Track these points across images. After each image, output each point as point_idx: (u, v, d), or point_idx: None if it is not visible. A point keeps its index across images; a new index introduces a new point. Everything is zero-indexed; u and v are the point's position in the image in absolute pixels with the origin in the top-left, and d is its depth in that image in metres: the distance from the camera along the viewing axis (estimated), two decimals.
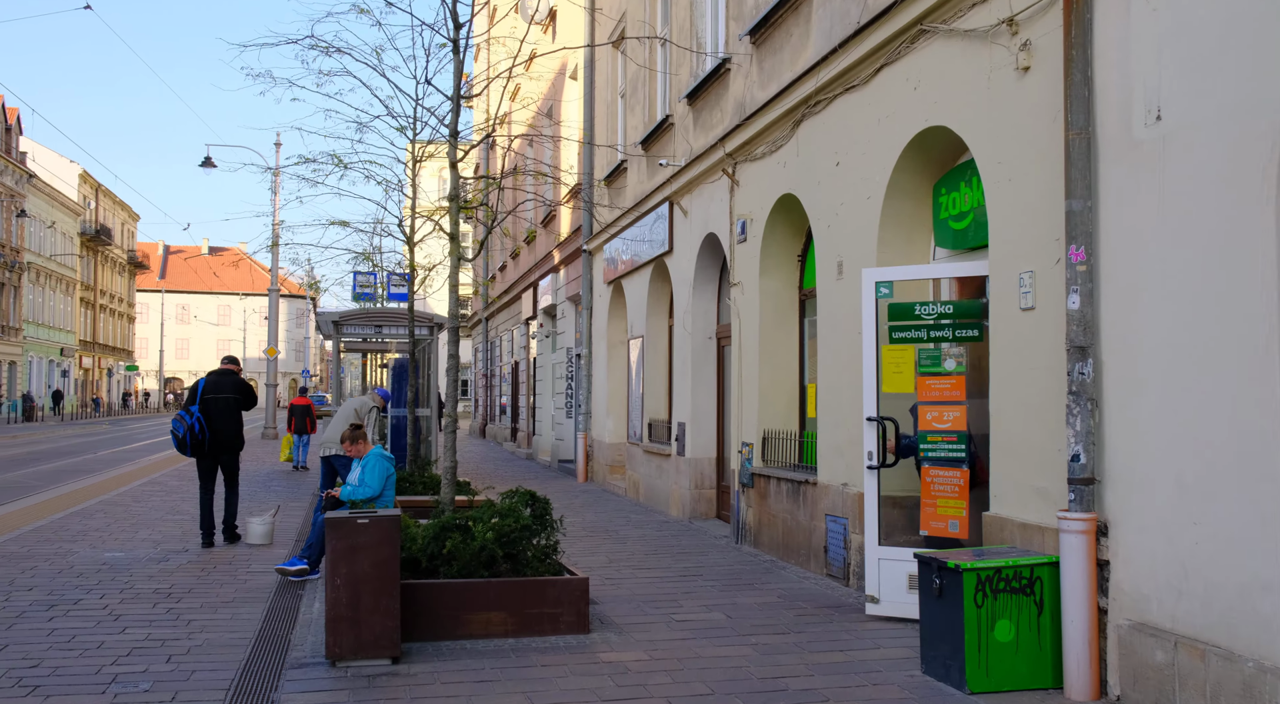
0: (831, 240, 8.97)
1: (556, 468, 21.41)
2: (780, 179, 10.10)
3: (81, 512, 13.10)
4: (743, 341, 11.11)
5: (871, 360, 7.36)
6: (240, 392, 11.00)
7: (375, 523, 6.12)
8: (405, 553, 6.87)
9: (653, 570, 9.39)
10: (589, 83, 18.65)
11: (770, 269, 10.69)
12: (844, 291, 8.66)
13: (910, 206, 8.07)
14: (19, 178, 56.87)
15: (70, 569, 8.99)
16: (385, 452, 9.21)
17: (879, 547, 7.29)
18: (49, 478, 19.13)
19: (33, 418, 49.41)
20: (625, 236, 16.19)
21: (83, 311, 69.28)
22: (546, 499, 7.61)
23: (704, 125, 12.42)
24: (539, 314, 24.58)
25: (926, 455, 7.17)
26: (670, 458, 13.72)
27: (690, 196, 13.06)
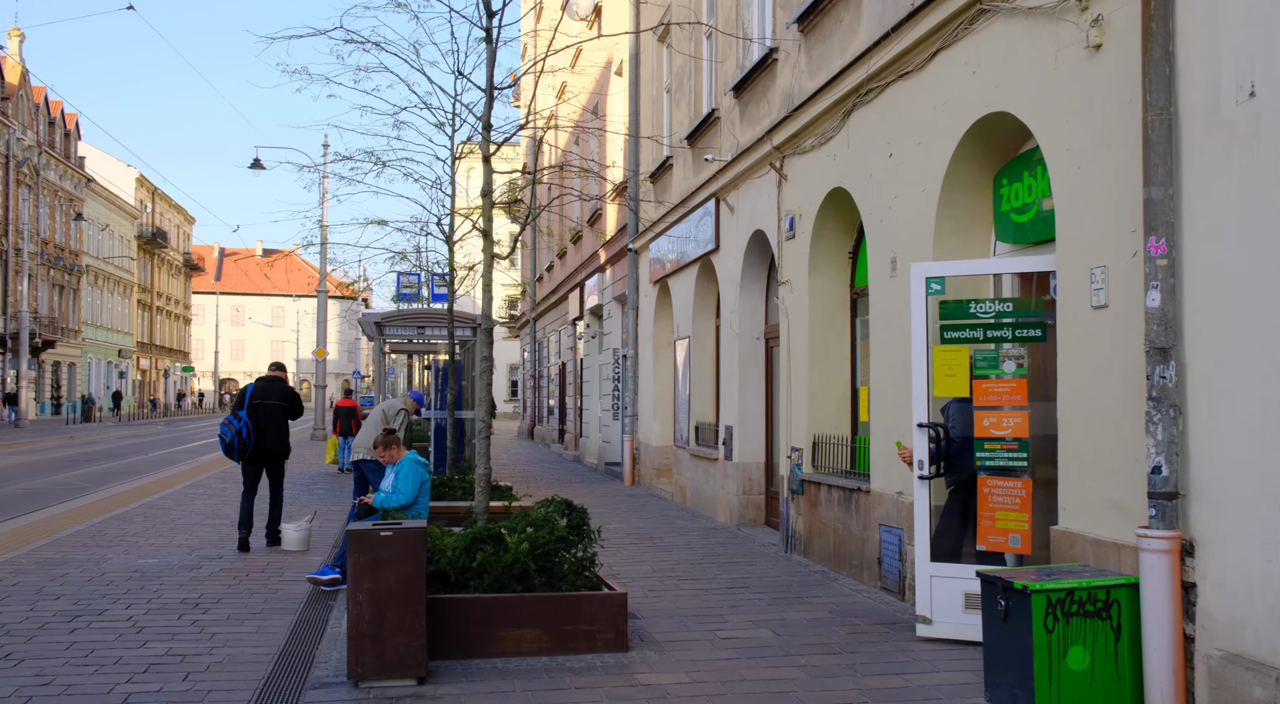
0: (884, 235, 8.52)
1: (603, 471, 21.08)
2: (830, 172, 9.66)
3: (122, 515, 12.99)
4: (791, 342, 10.68)
5: (921, 362, 6.90)
6: (287, 399, 10.93)
7: (399, 536, 5.80)
8: (434, 566, 6.54)
9: (697, 581, 9.00)
10: (634, 78, 18.29)
11: (820, 267, 10.24)
12: (897, 289, 8.20)
13: (969, 199, 7.59)
14: (77, 182, 57.81)
15: (101, 577, 8.80)
16: (420, 457, 8.91)
17: (931, 563, 6.82)
18: (97, 479, 19.18)
19: (91, 418, 50.14)
20: (671, 235, 15.80)
21: (140, 314, 70.32)
22: (584, 508, 7.23)
23: (750, 118, 12.00)
24: (585, 315, 24.27)
25: (984, 464, 6.70)
26: (717, 462, 13.31)
27: (737, 193, 12.64)
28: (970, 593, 6.52)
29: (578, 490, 17.11)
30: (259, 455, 10.63)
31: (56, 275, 54.22)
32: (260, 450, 10.60)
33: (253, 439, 10.50)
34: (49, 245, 53.07)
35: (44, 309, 51.74)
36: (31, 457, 25.85)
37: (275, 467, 10.88)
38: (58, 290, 54.60)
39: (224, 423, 10.59)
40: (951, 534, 7.07)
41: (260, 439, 10.57)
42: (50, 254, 53.07)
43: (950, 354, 6.75)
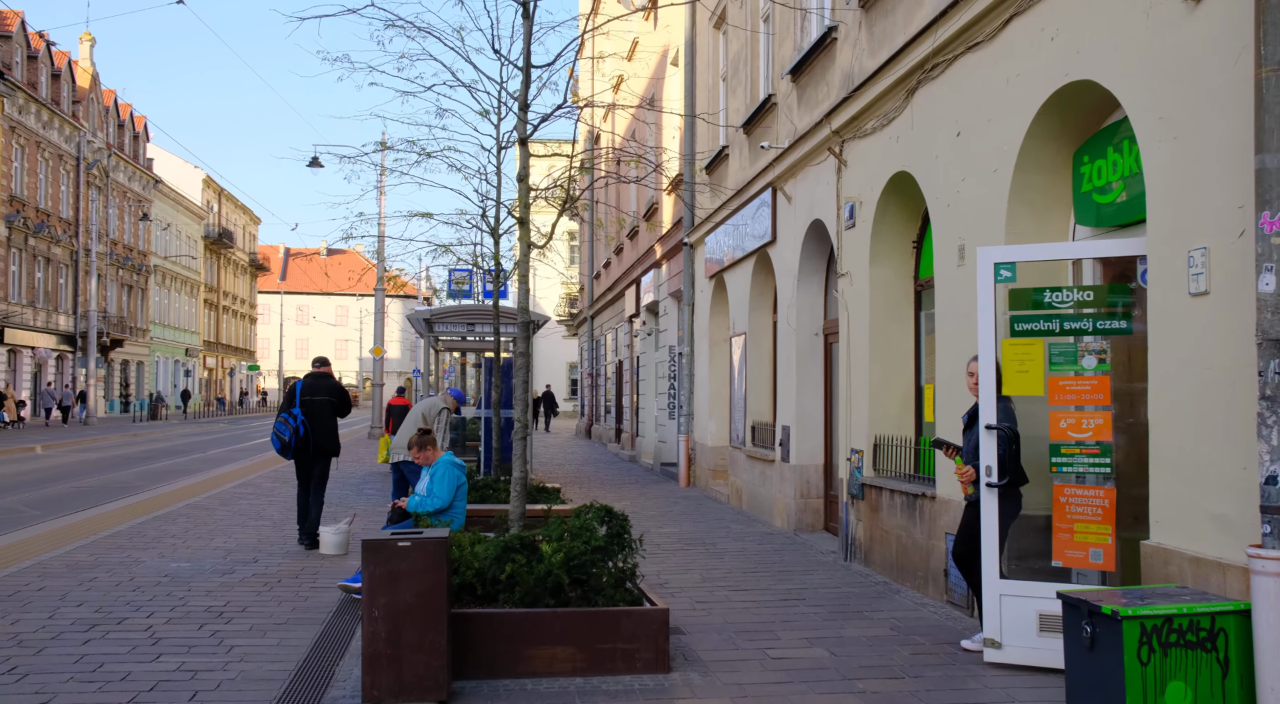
0: (951, 221, 7.89)
1: (659, 471, 20.57)
2: (892, 155, 9.04)
3: (165, 515, 12.77)
4: (851, 338, 10.07)
5: (989, 357, 6.27)
6: (335, 395, 10.74)
7: (418, 546, 5.33)
8: (461, 577, 6.08)
9: (749, 593, 8.44)
10: (689, 66, 17.75)
11: (881, 257, 9.62)
12: (966, 279, 7.57)
13: (1045, 179, 6.94)
14: (146, 183, 58.74)
15: (129, 582, 8.49)
16: (456, 459, 8.48)
17: (1000, 580, 6.19)
18: (152, 477, 19.13)
19: (157, 416, 50.86)
20: (726, 227, 15.24)
21: (206, 313, 71.35)
22: (624, 515, 6.72)
23: (808, 102, 11.40)
24: (641, 311, 23.78)
25: (1060, 470, 6.06)
26: (774, 464, 12.72)
27: (794, 181, 12.04)
28: (1046, 614, 5.89)
29: (630, 492, 16.63)
30: (309, 451, 10.49)
31: (125, 275, 55.11)
32: (311, 447, 10.46)
33: (310, 436, 10.37)
34: (118, 246, 53.97)
35: (113, 308, 52.61)
36: (93, 454, 26.05)
37: (322, 464, 10.68)
38: (126, 290, 55.50)
39: (279, 421, 10.42)
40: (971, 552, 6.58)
41: (312, 435, 10.42)
42: (119, 254, 53.96)
43: (1022, 348, 6.11)
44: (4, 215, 41.43)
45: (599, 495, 15.93)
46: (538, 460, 23.98)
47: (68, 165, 48.28)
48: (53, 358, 46.75)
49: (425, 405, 12.01)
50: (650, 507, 14.58)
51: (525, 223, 7.31)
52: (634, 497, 15.89)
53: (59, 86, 47.52)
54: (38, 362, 45.29)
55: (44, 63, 45.92)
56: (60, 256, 47.19)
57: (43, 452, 26.74)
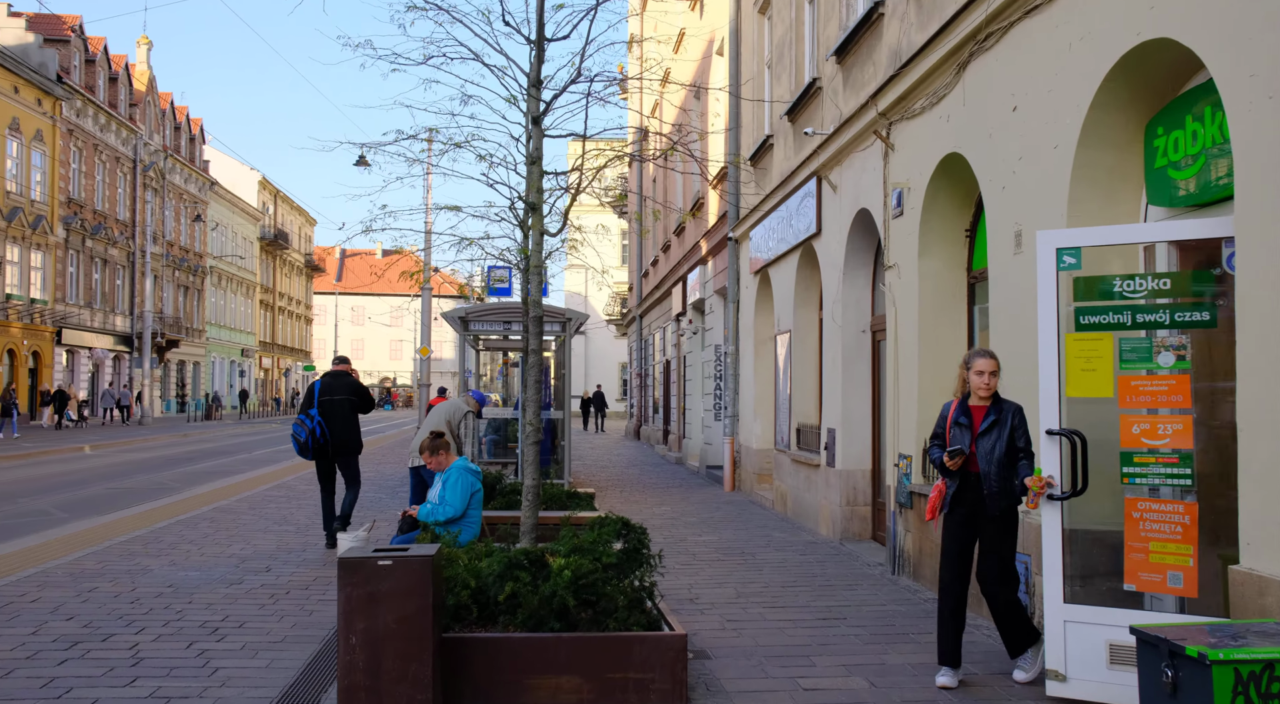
0: (1007, 205, 7.17)
1: (705, 474, 19.92)
2: (943, 136, 8.33)
3: (189, 519, 12.41)
4: (899, 335, 9.37)
5: (1051, 354, 5.56)
6: (355, 393, 10.69)
7: (401, 565, 4.77)
8: (456, 598, 5.51)
9: (786, 610, 7.78)
10: (734, 54, 17.09)
11: (931, 247, 8.91)
12: (1022, 268, 6.86)
13: (1112, 154, 6.21)
14: (202, 185, 59.31)
15: (129, 593, 8.05)
16: (471, 464, 7.93)
17: (1064, 605, 5.48)
18: (191, 479, 18.89)
19: (212, 416, 51.24)
20: (771, 220, 14.57)
21: (262, 313, 71.97)
22: (642, 529, 6.13)
23: (854, 84, 10.70)
24: (688, 309, 23.14)
25: (1132, 482, 5.35)
26: (819, 469, 12.03)
27: (839, 169, 11.34)
28: (1117, 644, 5.18)
29: (673, 496, 16.01)
30: (330, 451, 10.45)
31: (181, 276, 55.64)
32: (331, 446, 10.41)
33: (327, 436, 10.35)
34: (174, 247, 54.49)
35: (169, 310, 53.12)
36: (140, 454, 26.01)
37: (347, 462, 10.66)
38: (182, 291, 56.04)
39: (296, 422, 10.44)
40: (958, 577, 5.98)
41: (331, 435, 10.39)
42: (175, 256, 54.49)
43: (1088, 343, 5.40)
44: (62, 217, 41.91)
45: (639, 500, 15.36)
46: (581, 462, 23.47)
47: (125, 168, 48.80)
48: (110, 358, 47.25)
49: (448, 409, 11.48)
50: (691, 512, 13.95)
51: (537, 208, 6.74)
52: (675, 501, 15.28)
53: (116, 90, 48.04)
54: (95, 362, 45.81)
55: (101, 66, 46.42)
56: (117, 258, 47.70)
57: (91, 451, 26.78)
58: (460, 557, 5.76)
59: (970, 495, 5.86)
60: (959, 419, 5.94)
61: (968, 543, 5.90)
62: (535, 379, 6.69)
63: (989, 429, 5.85)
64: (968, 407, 5.94)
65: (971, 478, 5.86)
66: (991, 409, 5.89)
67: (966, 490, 5.87)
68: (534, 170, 6.76)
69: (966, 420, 5.91)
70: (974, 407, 5.93)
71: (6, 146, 37.95)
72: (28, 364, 39.43)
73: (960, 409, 5.95)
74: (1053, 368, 5.52)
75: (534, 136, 6.74)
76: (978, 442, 5.83)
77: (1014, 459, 5.82)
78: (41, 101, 40.37)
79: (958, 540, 5.91)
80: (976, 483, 5.85)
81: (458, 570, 5.58)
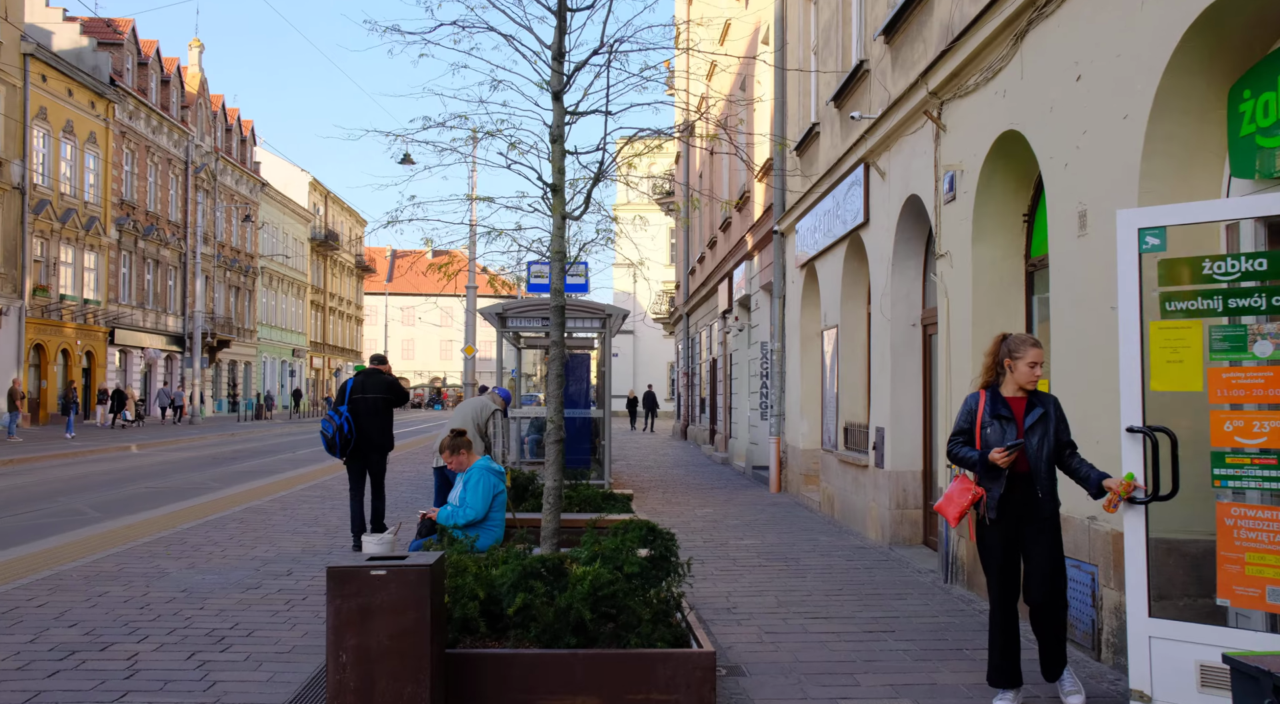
0: (1070, 183, 6.58)
1: (751, 475, 19.38)
2: (999, 112, 7.74)
3: (218, 520, 12.13)
4: (951, 328, 8.80)
5: (1133, 344, 4.99)
6: (389, 391, 10.48)
7: (396, 576, 4.33)
8: (463, 611, 5.07)
9: (830, 621, 7.25)
10: (780, 41, 16.54)
11: (986, 233, 8.32)
12: (1088, 252, 6.28)
13: (1190, 123, 5.61)
14: (253, 187, 59.77)
15: (140, 598, 7.73)
16: (494, 464, 7.50)
17: (1149, 619, 4.91)
18: (230, 478, 18.72)
19: (261, 416, 51.56)
20: (817, 212, 14.00)
21: (313, 314, 72.46)
22: (670, 534, 5.65)
23: (903, 64, 10.13)
24: (734, 306, 22.60)
25: (1224, 485, 4.76)
26: (867, 469, 11.45)
27: (888, 155, 10.77)
28: (1209, 666, 4.61)
29: (716, 498, 15.50)
30: (361, 450, 10.28)
31: (232, 277, 56.09)
32: (362, 445, 10.25)
33: (354, 434, 10.17)
34: (225, 248, 54.94)
35: (220, 310, 53.54)
36: (185, 453, 26.02)
37: (377, 460, 10.46)
38: (233, 292, 56.48)
39: (324, 419, 10.24)
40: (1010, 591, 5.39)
41: (362, 434, 10.22)
42: (226, 257, 54.93)
43: (1176, 332, 4.82)
44: (115, 219, 42.33)
45: (682, 501, 14.87)
46: (625, 462, 23.03)
47: (176, 169, 49.25)
48: (162, 358, 47.69)
49: (474, 407, 11.05)
50: (734, 515, 13.44)
51: (560, 190, 6.29)
52: (719, 503, 14.77)
53: (168, 92, 48.49)
54: (147, 362, 46.24)
55: (154, 69, 46.87)
56: (169, 259, 48.13)
57: (137, 450, 26.85)
58: (470, 564, 5.31)
59: (1017, 498, 5.24)
60: (998, 411, 5.31)
61: (1016, 552, 5.31)
62: (557, 372, 6.23)
63: (1037, 422, 5.26)
64: (1004, 398, 5.35)
65: (1017, 479, 5.24)
66: (1034, 401, 5.32)
67: (1012, 492, 5.24)
68: (555, 149, 6.31)
69: (1007, 413, 5.30)
70: (1012, 399, 5.34)
71: (61, 149, 38.37)
72: (81, 364, 39.85)
73: (994, 401, 5.34)
74: (1135, 359, 4.94)
75: (555, 113, 6.28)
76: (1025, 437, 5.25)
77: (1059, 456, 5.30)
78: (95, 104, 40.79)
79: (1005, 550, 5.30)
80: (1023, 484, 5.24)
81: (466, 580, 5.13)
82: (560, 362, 6.28)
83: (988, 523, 5.28)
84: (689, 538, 11.17)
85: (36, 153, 36.67)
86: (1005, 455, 5.13)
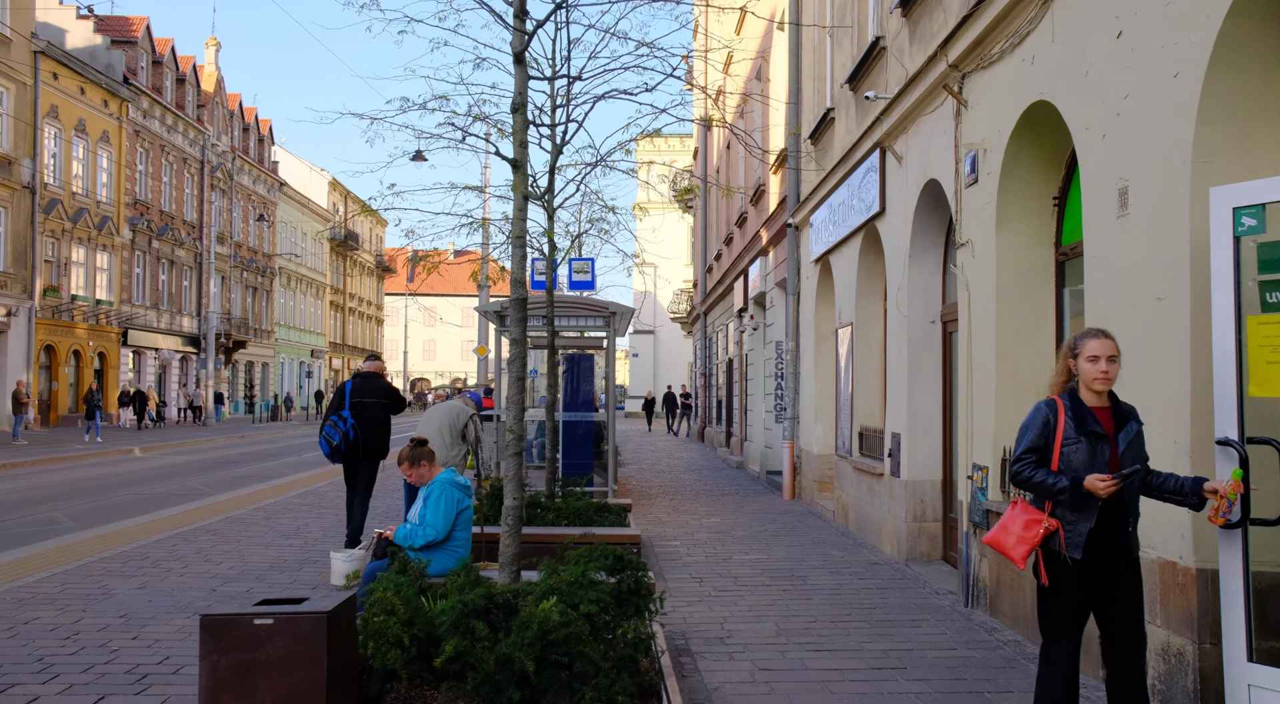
0: (1109, 156, 5.73)
1: (765, 480, 18.54)
2: (1027, 82, 6.89)
3: (192, 531, 11.42)
4: (973, 324, 7.94)
5: (1228, 343, 4.17)
6: (388, 396, 10.11)
7: (286, 627, 3.55)
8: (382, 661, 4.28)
9: (834, 656, 6.43)
10: (794, 23, 15.69)
11: (1012, 218, 7.47)
12: (1130, 235, 5.43)
13: (1254, 78, 4.76)
14: (270, 186, 59.38)
15: (70, 625, 6.99)
16: (458, 476, 6.72)
17: (1250, 664, 4.08)
18: (224, 484, 18.04)
19: (277, 417, 51.11)
20: (831, 202, 13.16)
21: (332, 314, 72.07)
22: (640, 563, 4.86)
23: (921, 37, 9.29)
24: (749, 304, 21.76)
25: None
26: (883, 478, 10.60)
27: (905, 137, 9.92)
28: None
29: (726, 505, 14.68)
30: (358, 455, 9.92)
31: (250, 278, 55.68)
32: (360, 450, 9.88)
33: (360, 440, 9.83)
34: (242, 248, 54.53)
35: (237, 311, 53.12)
36: (188, 457, 25.44)
37: (369, 466, 9.98)
38: (250, 292, 56.07)
39: (329, 424, 9.86)
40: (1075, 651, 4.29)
41: (363, 439, 9.86)
42: (243, 257, 54.52)
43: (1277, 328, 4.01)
44: (128, 218, 41.93)
45: (689, 510, 14.06)
46: (637, 466, 22.25)
47: (192, 169, 48.84)
48: (176, 359, 47.28)
49: (448, 412, 10.24)
50: (743, 524, 12.62)
51: (520, 166, 5.49)
52: (728, 512, 13.95)
53: (184, 91, 48.07)
54: (162, 363, 45.83)
55: (169, 67, 46.45)
56: (184, 259, 47.71)
57: (140, 454, 26.29)
58: (397, 603, 4.50)
59: (1101, 532, 4.20)
60: (1089, 427, 4.22)
61: (1087, 602, 4.27)
62: (517, 375, 5.44)
63: (1135, 439, 4.24)
64: (1089, 408, 4.29)
65: (1105, 509, 4.20)
66: (1120, 410, 4.33)
67: (1103, 527, 4.20)
68: (517, 119, 5.51)
69: (1099, 428, 4.23)
70: (1097, 409, 4.30)
71: (73, 148, 37.97)
72: (93, 365, 39.44)
73: (1078, 412, 4.26)
74: (1230, 360, 4.13)
75: (517, 78, 5.49)
76: (1121, 458, 4.23)
77: None
78: (108, 103, 40.38)
79: (1080, 599, 4.24)
80: (1112, 515, 4.21)
81: (389, 623, 4.33)
82: (521, 361, 5.49)
83: (1070, 564, 4.20)
84: (691, 551, 10.36)
85: (48, 152, 36.27)
86: (1108, 484, 4.08)
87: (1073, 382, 4.34)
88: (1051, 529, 4.20)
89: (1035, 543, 4.23)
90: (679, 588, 8.41)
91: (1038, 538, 4.22)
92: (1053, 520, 4.20)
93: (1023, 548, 4.25)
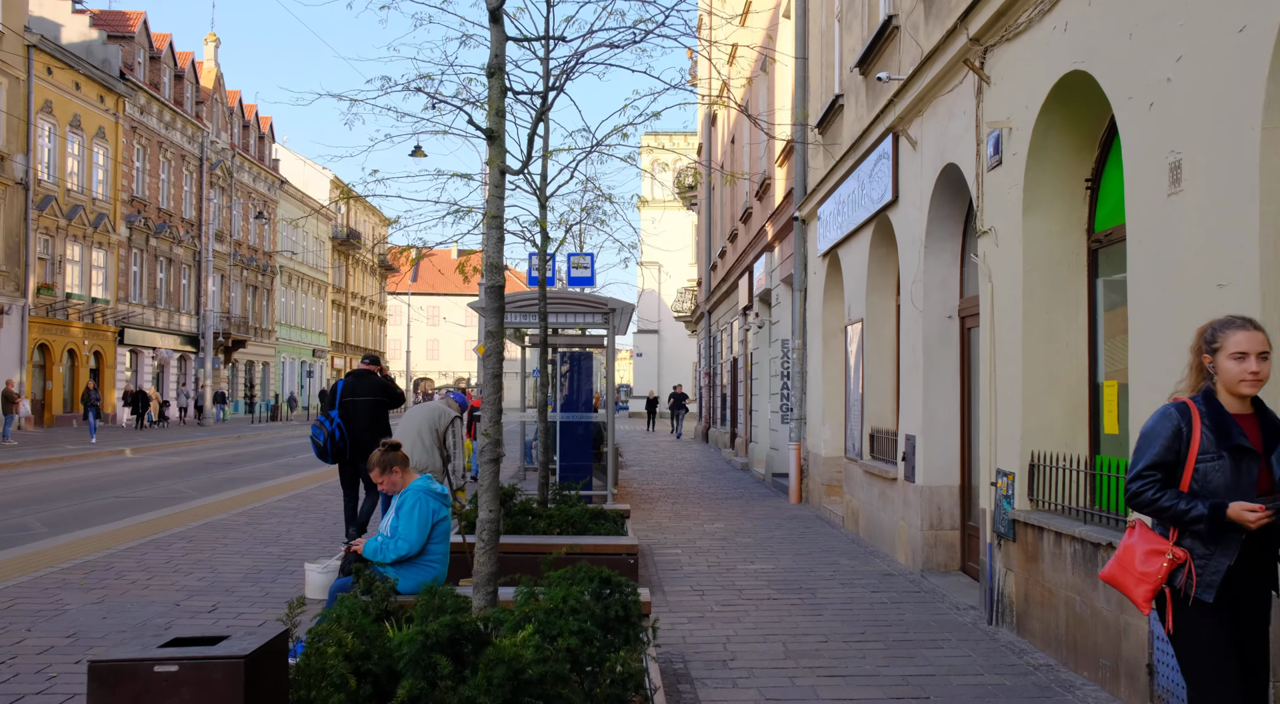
0: (1158, 128, 5.12)
1: (770, 483, 17.93)
2: (1059, 51, 6.28)
3: (167, 538, 10.83)
4: (996, 318, 7.33)
5: None
6: (382, 393, 10.10)
7: (195, 675, 2.94)
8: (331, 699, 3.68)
9: (849, 682, 5.82)
10: (801, 9, 15.10)
11: (1040, 202, 6.85)
12: (1182, 214, 4.82)
13: None
14: (271, 184, 58.85)
15: (10, 648, 6.37)
16: (433, 484, 6.12)
17: None
18: (211, 487, 17.45)
19: (278, 417, 50.58)
20: (840, 194, 12.54)
21: (334, 314, 71.52)
22: (630, 585, 4.26)
23: (938, 12, 8.68)
24: (754, 302, 21.15)
25: None
26: (896, 483, 9.99)
27: (919, 121, 9.31)
28: None
29: (730, 510, 14.08)
30: (353, 454, 9.72)
31: (250, 276, 55.13)
32: (351, 449, 9.72)
33: (346, 439, 9.72)
34: (242, 246, 53.98)
35: (236, 310, 52.56)
36: (180, 458, 24.86)
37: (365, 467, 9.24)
38: (251, 291, 55.52)
39: (315, 424, 9.81)
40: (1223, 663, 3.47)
41: (354, 439, 9.72)
42: (243, 255, 53.98)
43: None
44: (125, 216, 41.40)
45: (691, 514, 13.46)
46: (639, 468, 21.66)
47: (191, 166, 48.29)
48: (174, 359, 46.74)
49: (429, 414, 9.61)
50: (748, 530, 12.02)
51: (498, 138, 4.89)
52: (732, 516, 13.35)
53: (182, 87, 47.53)
54: (160, 362, 45.30)
55: (166, 63, 45.90)
56: (183, 257, 47.16)
57: (131, 454, 25.73)
58: (345, 636, 3.90)
59: (1248, 571, 3.47)
60: (1234, 440, 3.46)
61: (1236, 644, 3.50)
62: (493, 372, 4.85)
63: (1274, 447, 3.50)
64: (1230, 416, 3.52)
65: (1251, 540, 3.44)
66: (1273, 422, 3.61)
67: (1245, 563, 3.46)
68: (493, 85, 4.91)
69: (1244, 440, 3.48)
70: (1240, 416, 3.55)
71: (68, 144, 37.44)
72: (89, 364, 38.91)
73: (1219, 421, 3.50)
74: None
75: (493, 38, 4.89)
76: (1275, 480, 3.51)
77: None
78: (104, 98, 39.83)
79: (1227, 641, 3.47)
80: (1257, 547, 3.47)
81: (332, 661, 3.73)
82: (497, 357, 4.89)
83: (1207, 604, 3.47)
84: (693, 560, 9.77)
85: (42, 148, 35.75)
86: (1265, 516, 3.33)
87: (1207, 383, 3.61)
88: (1179, 562, 3.47)
89: (1160, 581, 3.50)
90: (679, 602, 7.81)
91: (1163, 574, 3.48)
92: (1179, 550, 3.48)
93: (1144, 588, 3.52)
